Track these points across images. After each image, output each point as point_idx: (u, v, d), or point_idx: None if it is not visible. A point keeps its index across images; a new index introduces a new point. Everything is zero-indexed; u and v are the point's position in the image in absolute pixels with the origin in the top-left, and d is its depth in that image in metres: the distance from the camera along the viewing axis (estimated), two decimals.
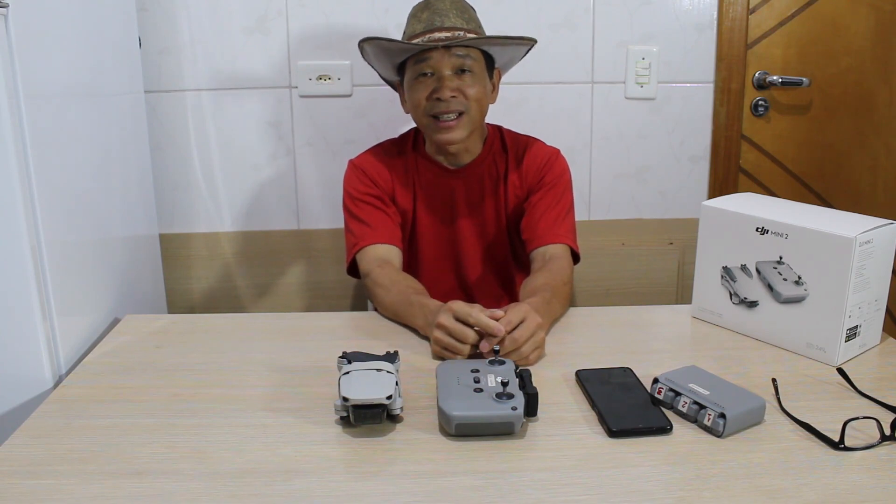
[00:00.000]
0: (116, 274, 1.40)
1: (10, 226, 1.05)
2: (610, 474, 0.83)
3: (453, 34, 1.29)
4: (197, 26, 1.74)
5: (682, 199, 1.91)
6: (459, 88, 1.30)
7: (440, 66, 1.30)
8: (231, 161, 1.83)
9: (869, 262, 1.05)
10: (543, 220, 1.38)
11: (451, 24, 1.30)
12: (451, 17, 1.31)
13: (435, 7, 1.32)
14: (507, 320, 1.06)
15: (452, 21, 1.31)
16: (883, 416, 0.92)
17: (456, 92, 1.30)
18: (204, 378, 1.07)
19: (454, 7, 1.33)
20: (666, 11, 1.79)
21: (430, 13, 1.31)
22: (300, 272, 1.90)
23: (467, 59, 1.31)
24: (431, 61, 1.30)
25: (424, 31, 1.30)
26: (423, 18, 1.32)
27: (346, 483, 0.82)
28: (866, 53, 1.74)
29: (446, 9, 1.32)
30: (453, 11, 1.32)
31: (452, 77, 1.30)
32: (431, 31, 1.29)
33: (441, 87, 1.30)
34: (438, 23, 1.30)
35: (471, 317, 1.06)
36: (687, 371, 1.00)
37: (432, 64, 1.30)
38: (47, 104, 1.13)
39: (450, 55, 1.29)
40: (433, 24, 1.30)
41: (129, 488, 0.81)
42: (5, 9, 1.01)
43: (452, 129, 1.32)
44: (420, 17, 1.32)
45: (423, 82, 1.32)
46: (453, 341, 1.08)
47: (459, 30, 1.30)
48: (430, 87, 1.31)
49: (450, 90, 1.29)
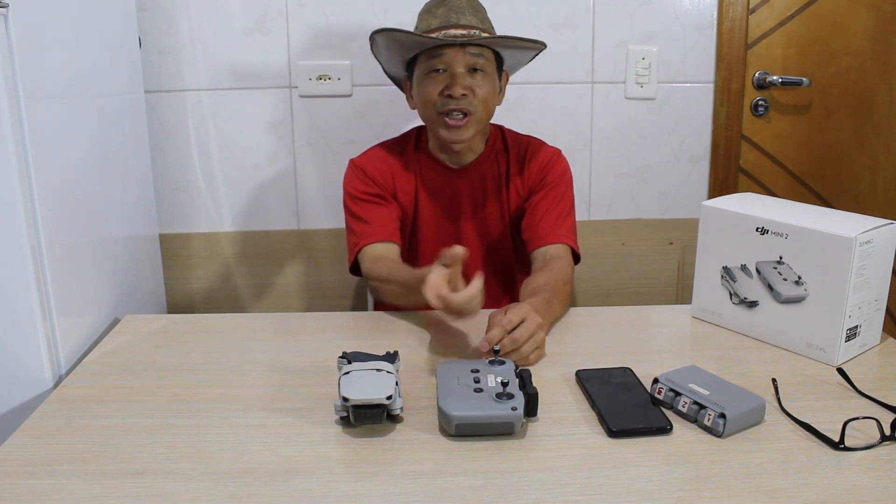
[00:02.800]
0: (116, 274, 1.40)
1: (10, 226, 1.05)
2: (610, 474, 0.83)
3: (469, 32, 1.30)
4: (197, 26, 1.74)
5: (682, 199, 1.91)
6: (471, 87, 1.31)
7: (454, 62, 1.30)
8: (231, 161, 1.83)
9: (869, 262, 1.05)
10: (544, 220, 1.38)
11: (466, 22, 1.30)
12: (466, 14, 1.31)
13: (451, 4, 1.32)
14: (507, 320, 1.06)
15: (468, 19, 1.31)
16: (883, 416, 0.91)
17: (467, 90, 1.30)
18: (204, 378, 1.07)
19: (470, 5, 1.33)
20: (666, 11, 1.79)
21: (445, 9, 1.31)
22: (300, 272, 1.90)
23: (480, 58, 1.31)
24: (445, 57, 1.30)
25: (440, 27, 1.30)
26: (439, 14, 1.32)
27: (346, 483, 0.82)
28: (866, 53, 1.74)
29: (462, 6, 1.32)
30: (469, 10, 1.32)
31: (465, 75, 1.30)
32: (447, 28, 1.30)
33: (453, 83, 1.30)
34: (455, 20, 1.30)
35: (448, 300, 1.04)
36: (687, 371, 1.00)
37: (446, 60, 1.30)
38: (47, 104, 1.13)
39: (464, 53, 1.30)
40: (449, 21, 1.30)
41: (129, 488, 0.81)
42: (5, 8, 1.01)
43: (460, 128, 1.32)
44: (435, 13, 1.32)
45: (434, 78, 1.32)
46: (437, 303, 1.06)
47: (475, 28, 1.31)
48: (442, 83, 1.31)
49: (462, 88, 1.29)
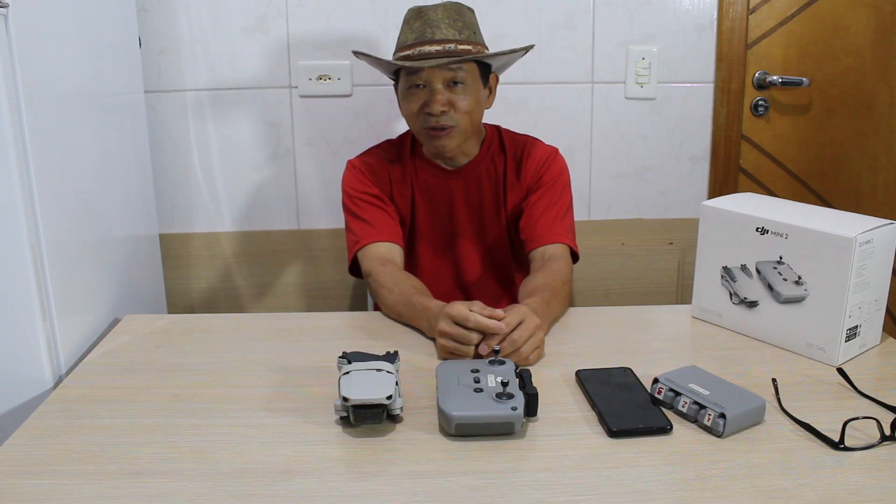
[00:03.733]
0: (116, 274, 1.40)
1: (10, 226, 1.05)
2: (610, 474, 0.83)
3: (444, 47, 1.27)
4: (197, 26, 1.74)
5: (682, 199, 1.91)
6: (451, 101, 1.29)
7: (431, 79, 1.29)
8: (231, 161, 1.83)
9: (869, 262, 1.05)
10: (542, 219, 1.38)
11: (441, 37, 1.28)
12: (442, 27, 1.28)
13: (426, 16, 1.30)
14: (506, 322, 1.06)
15: (444, 32, 1.28)
16: (883, 416, 0.92)
17: (447, 106, 1.29)
18: (204, 378, 1.07)
19: (446, 16, 1.30)
20: (666, 11, 1.79)
21: (421, 23, 1.29)
22: (300, 272, 1.90)
23: (460, 71, 1.29)
24: (423, 74, 1.29)
25: (415, 44, 1.29)
26: (416, 28, 1.30)
27: (346, 483, 0.82)
28: (866, 53, 1.74)
29: (438, 18, 1.29)
30: (445, 21, 1.29)
31: (444, 91, 1.29)
32: (422, 44, 1.28)
33: (432, 100, 1.28)
34: (430, 35, 1.28)
35: (468, 321, 1.07)
36: (687, 371, 1.00)
37: (424, 77, 1.29)
38: (47, 104, 1.13)
39: (441, 68, 1.28)
40: (424, 36, 1.28)
41: (129, 488, 0.81)
42: (5, 9, 1.01)
43: (443, 138, 1.32)
44: (412, 26, 1.31)
45: (415, 93, 1.31)
46: (457, 345, 1.08)
47: (451, 42, 1.28)
48: (422, 99, 1.30)
49: (440, 105, 1.28)
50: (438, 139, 1.32)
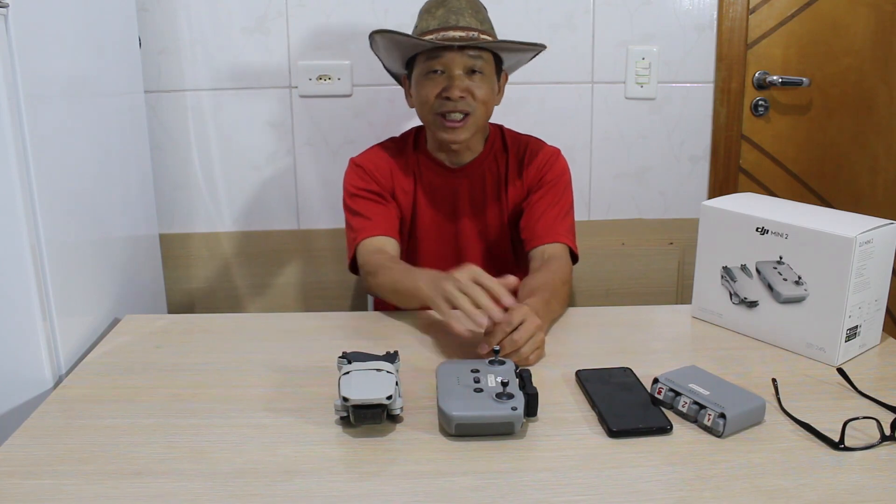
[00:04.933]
0: (116, 274, 1.40)
1: (10, 226, 1.05)
2: (610, 474, 0.83)
3: (468, 34, 1.29)
4: (197, 26, 1.74)
5: (682, 199, 1.91)
6: (469, 89, 1.30)
7: (452, 65, 1.30)
8: (231, 161, 1.83)
9: (869, 262, 1.05)
10: (543, 219, 1.38)
11: (465, 24, 1.30)
12: (465, 16, 1.31)
13: (450, 5, 1.32)
14: (506, 321, 1.06)
15: (467, 21, 1.30)
16: (883, 416, 0.92)
17: (465, 92, 1.30)
18: (203, 378, 1.07)
19: (469, 6, 1.33)
20: (666, 11, 1.79)
21: (445, 10, 1.31)
22: (300, 272, 1.90)
23: (479, 60, 1.31)
24: (444, 59, 1.30)
25: (439, 28, 1.30)
26: (438, 15, 1.31)
27: (346, 483, 0.82)
28: (866, 53, 1.74)
29: (462, 7, 1.31)
30: (468, 11, 1.32)
31: (463, 77, 1.30)
32: (446, 29, 1.29)
33: (451, 86, 1.29)
34: (454, 21, 1.30)
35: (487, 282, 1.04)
36: (687, 371, 1.00)
37: (444, 62, 1.30)
38: (47, 104, 1.13)
39: (462, 55, 1.29)
40: (448, 23, 1.30)
41: (129, 488, 0.81)
42: (5, 9, 1.01)
43: (457, 129, 1.32)
44: (434, 14, 1.32)
45: (433, 79, 1.31)
46: (462, 296, 1.04)
47: (474, 30, 1.30)
48: (441, 84, 1.31)
49: (460, 90, 1.29)
50: (451, 131, 1.33)
